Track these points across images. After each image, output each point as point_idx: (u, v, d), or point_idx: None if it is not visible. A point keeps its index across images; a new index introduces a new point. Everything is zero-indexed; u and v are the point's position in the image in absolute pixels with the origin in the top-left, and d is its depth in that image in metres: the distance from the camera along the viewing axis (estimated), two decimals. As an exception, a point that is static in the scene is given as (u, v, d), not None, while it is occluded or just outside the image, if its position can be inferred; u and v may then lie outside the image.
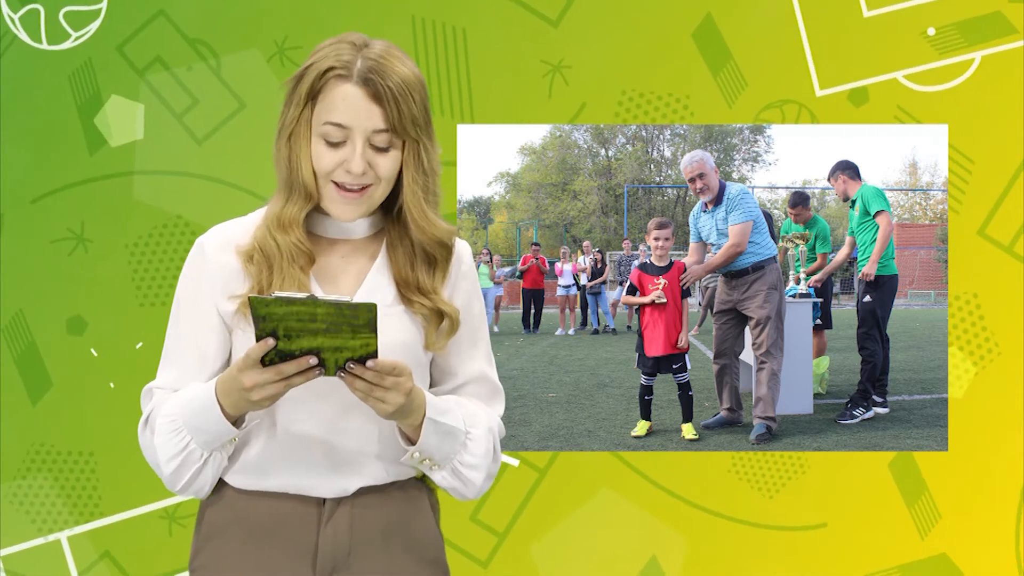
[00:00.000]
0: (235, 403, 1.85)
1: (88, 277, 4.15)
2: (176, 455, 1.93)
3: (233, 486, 2.02)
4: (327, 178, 1.93)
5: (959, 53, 4.07)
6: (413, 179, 1.95)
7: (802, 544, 4.13)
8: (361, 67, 1.89)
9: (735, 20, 4.12)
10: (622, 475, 4.16)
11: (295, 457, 1.97)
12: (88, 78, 4.10)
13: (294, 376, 1.79)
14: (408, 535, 2.06)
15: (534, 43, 4.14)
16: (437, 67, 4.12)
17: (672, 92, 4.14)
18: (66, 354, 4.14)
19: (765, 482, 4.15)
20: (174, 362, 2.02)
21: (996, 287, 4.11)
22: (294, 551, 1.99)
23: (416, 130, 1.92)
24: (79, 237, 4.14)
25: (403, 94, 1.89)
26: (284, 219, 1.95)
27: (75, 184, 4.12)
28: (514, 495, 4.14)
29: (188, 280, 2.02)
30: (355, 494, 2.01)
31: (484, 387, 2.15)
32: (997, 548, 4.08)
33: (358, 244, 2.04)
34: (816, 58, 4.11)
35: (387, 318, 1.95)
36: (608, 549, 4.13)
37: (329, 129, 1.90)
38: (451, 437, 1.99)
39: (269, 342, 1.75)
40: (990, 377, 4.10)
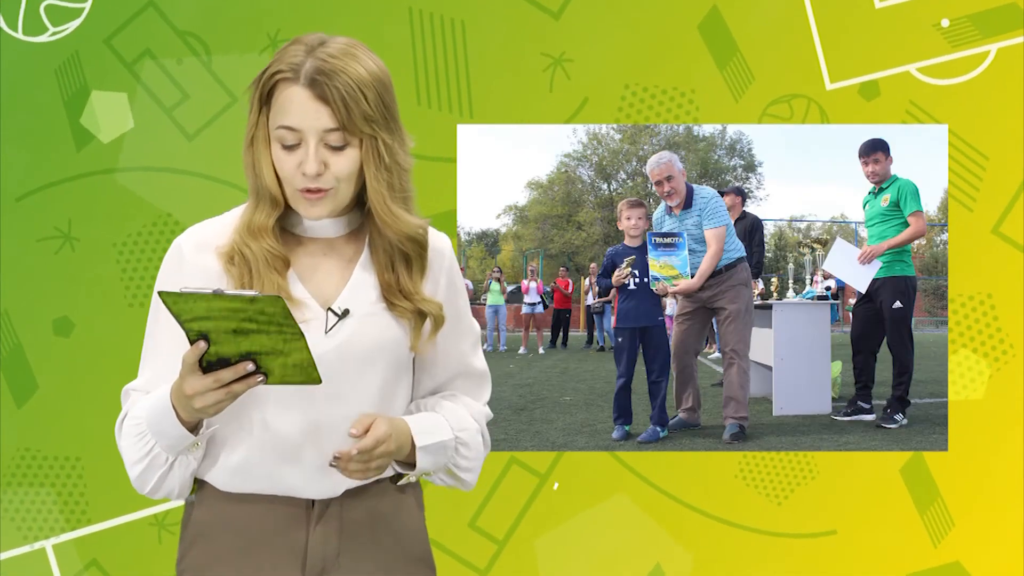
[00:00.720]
0: (184, 409, 1.84)
1: (75, 277, 4.05)
2: (141, 459, 1.94)
3: (218, 488, 2.00)
4: (291, 185, 1.93)
5: (973, 46, 3.97)
6: (375, 176, 1.94)
7: (811, 551, 4.02)
8: (308, 68, 1.88)
9: (742, 11, 4.03)
10: (624, 479, 4.07)
11: (281, 459, 1.96)
12: (75, 72, 4.00)
13: (234, 383, 1.77)
14: (396, 533, 2.07)
15: (535, 36, 4.06)
16: (435, 61, 4.05)
17: (677, 86, 4.05)
18: (53, 356, 4.04)
19: (774, 487, 4.05)
20: (151, 363, 2.02)
21: (1012, 286, 4.02)
22: (283, 553, 1.98)
23: (371, 127, 1.91)
24: (66, 236, 4.04)
25: (351, 92, 1.88)
26: (254, 227, 1.96)
27: (62, 181, 4.03)
28: (517, 500, 4.06)
29: (166, 281, 2.00)
30: (342, 495, 2.01)
31: (471, 378, 2.17)
32: (1011, 556, 3.97)
33: (340, 243, 2.03)
34: (826, 51, 4.01)
35: (372, 316, 1.98)
36: (612, 555, 4.03)
37: (282, 133, 1.90)
38: (443, 450, 2.02)
39: (200, 346, 1.74)
40: (1006, 378, 4.00)
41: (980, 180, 4.01)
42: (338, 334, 1.95)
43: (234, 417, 1.94)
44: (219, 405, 1.80)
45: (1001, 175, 4.02)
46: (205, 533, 2.01)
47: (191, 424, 1.88)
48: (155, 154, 4.02)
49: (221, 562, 1.99)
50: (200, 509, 2.02)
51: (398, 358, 2.01)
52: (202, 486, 2.02)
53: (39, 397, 4.02)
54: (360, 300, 1.97)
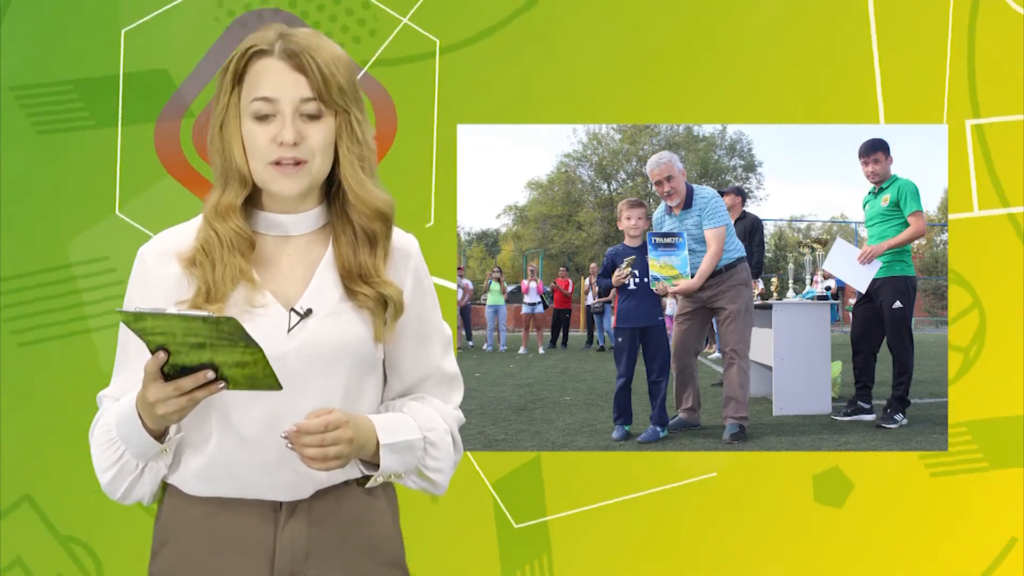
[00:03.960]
0: (149, 417, 1.86)
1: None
2: (112, 465, 1.96)
3: (185, 492, 2.01)
4: (263, 160, 1.94)
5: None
6: (348, 149, 1.97)
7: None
8: (283, 44, 1.94)
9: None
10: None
11: (248, 461, 1.97)
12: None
13: (195, 391, 1.79)
14: (366, 536, 2.07)
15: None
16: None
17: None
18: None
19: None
20: (123, 371, 2.04)
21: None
22: (251, 556, 1.99)
23: (344, 100, 1.96)
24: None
25: (327, 64, 1.93)
26: (221, 207, 1.97)
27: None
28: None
29: (134, 291, 2.03)
30: (311, 497, 2.01)
31: (441, 381, 2.16)
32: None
33: (304, 243, 2.04)
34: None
35: (335, 316, 1.99)
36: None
37: (258, 105, 1.93)
38: (410, 450, 2.02)
39: (160, 356, 1.76)
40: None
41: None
42: (300, 334, 1.96)
43: (198, 420, 1.95)
44: (181, 412, 1.82)
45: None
46: (173, 536, 2.02)
47: (157, 432, 1.90)
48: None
49: (190, 565, 2.00)
50: (168, 513, 2.03)
51: (362, 358, 2.01)
52: (169, 488, 2.04)
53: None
54: (323, 300, 1.98)
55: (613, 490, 4.06)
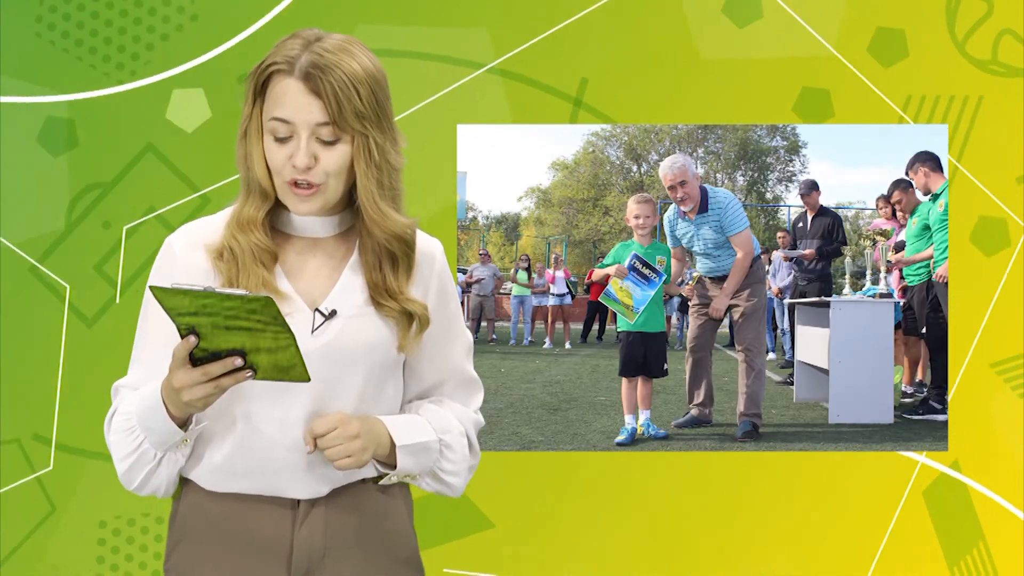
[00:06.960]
0: (174, 404, 1.87)
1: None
2: (129, 454, 1.97)
3: (203, 487, 2.03)
4: (281, 177, 1.97)
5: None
6: (364, 173, 1.97)
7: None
8: (304, 62, 1.92)
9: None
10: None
11: (266, 458, 1.99)
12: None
13: (222, 377, 1.81)
14: (383, 534, 2.09)
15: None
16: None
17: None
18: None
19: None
20: (141, 361, 2.05)
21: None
22: (268, 554, 2.00)
23: (363, 124, 1.94)
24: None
25: (344, 87, 1.92)
26: (243, 219, 2.00)
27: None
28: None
29: (157, 278, 2.03)
30: (328, 494, 2.03)
31: (460, 384, 2.19)
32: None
33: (330, 244, 2.07)
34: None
35: (359, 318, 2.01)
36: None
37: (275, 125, 1.94)
38: (426, 451, 2.06)
39: (190, 340, 1.77)
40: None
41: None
42: (324, 334, 1.97)
43: (219, 415, 1.97)
44: (207, 399, 1.84)
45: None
46: (190, 532, 2.04)
47: (180, 420, 1.91)
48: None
49: (206, 562, 2.02)
50: (185, 508, 2.05)
51: (384, 361, 2.03)
52: (187, 484, 2.05)
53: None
54: (348, 302, 2.00)
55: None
